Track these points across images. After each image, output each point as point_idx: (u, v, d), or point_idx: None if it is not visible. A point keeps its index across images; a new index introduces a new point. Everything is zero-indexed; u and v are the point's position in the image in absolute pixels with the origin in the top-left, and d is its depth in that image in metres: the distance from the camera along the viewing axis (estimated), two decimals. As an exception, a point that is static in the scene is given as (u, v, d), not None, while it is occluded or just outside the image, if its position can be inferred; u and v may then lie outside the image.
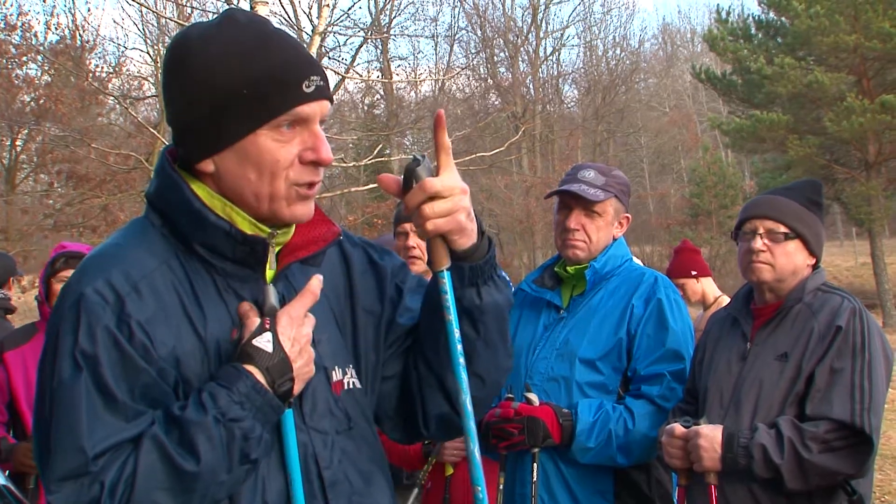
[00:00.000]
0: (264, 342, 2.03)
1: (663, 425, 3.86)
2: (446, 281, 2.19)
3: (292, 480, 2.09)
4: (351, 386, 2.31)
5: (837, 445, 3.48)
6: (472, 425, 2.21)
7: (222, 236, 2.10)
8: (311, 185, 2.13)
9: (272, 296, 2.10)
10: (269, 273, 2.22)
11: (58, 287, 5.16)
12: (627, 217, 4.34)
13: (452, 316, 2.18)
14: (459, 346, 2.18)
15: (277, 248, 2.25)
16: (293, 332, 2.06)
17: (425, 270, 5.59)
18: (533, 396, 4.01)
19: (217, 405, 1.96)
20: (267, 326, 2.05)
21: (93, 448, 1.91)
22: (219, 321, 2.10)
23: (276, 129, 2.07)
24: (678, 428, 3.75)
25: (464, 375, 2.19)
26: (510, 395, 4.11)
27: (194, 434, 1.93)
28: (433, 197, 2.10)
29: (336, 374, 2.28)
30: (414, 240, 5.52)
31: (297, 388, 2.07)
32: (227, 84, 2.05)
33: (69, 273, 5.15)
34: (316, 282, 2.16)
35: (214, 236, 2.10)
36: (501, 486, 4.20)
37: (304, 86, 2.08)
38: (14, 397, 5.05)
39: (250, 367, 2.01)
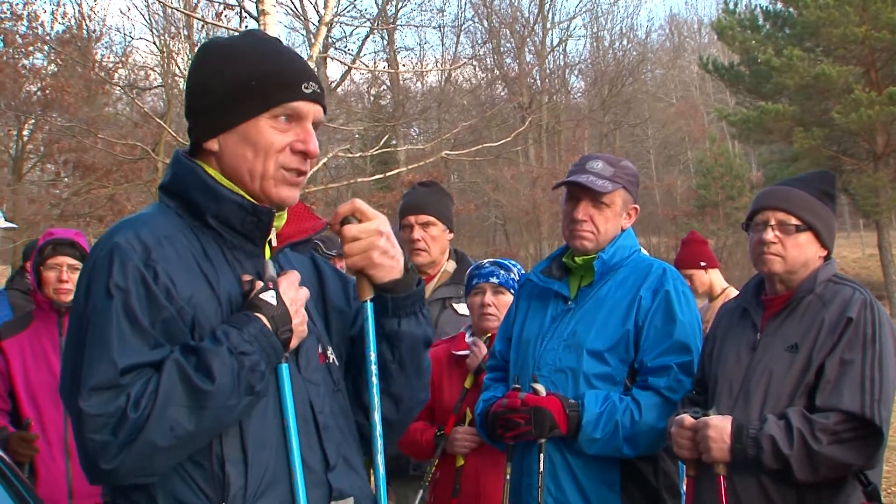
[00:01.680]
0: (269, 297, 2.41)
1: (672, 416, 3.85)
2: (367, 311, 2.62)
3: (287, 419, 2.43)
4: (331, 360, 2.69)
5: (847, 437, 3.48)
6: (379, 442, 2.59)
7: (235, 208, 2.48)
8: (298, 172, 2.53)
9: (271, 268, 2.51)
10: (267, 254, 2.61)
11: (48, 274, 5.14)
12: (636, 208, 4.32)
13: (371, 342, 2.60)
14: (374, 367, 2.60)
15: (273, 233, 2.64)
16: (292, 293, 2.47)
17: (430, 262, 5.59)
18: (540, 387, 4.01)
19: (230, 340, 2.30)
20: (270, 286, 2.44)
21: (123, 363, 2.23)
22: (229, 282, 2.47)
23: (275, 119, 2.48)
24: (687, 419, 3.74)
25: (376, 394, 2.59)
26: (517, 386, 4.11)
27: (211, 360, 2.26)
28: (354, 239, 2.55)
29: (321, 347, 2.66)
30: (419, 232, 5.53)
31: (293, 342, 2.46)
32: (240, 75, 2.47)
33: (58, 260, 5.14)
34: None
35: (227, 208, 2.48)
36: (508, 477, 4.20)
37: (303, 86, 2.50)
38: (13, 386, 5.05)
39: (258, 315, 2.37)
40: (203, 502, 2.33)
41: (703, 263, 8.21)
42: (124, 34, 55.16)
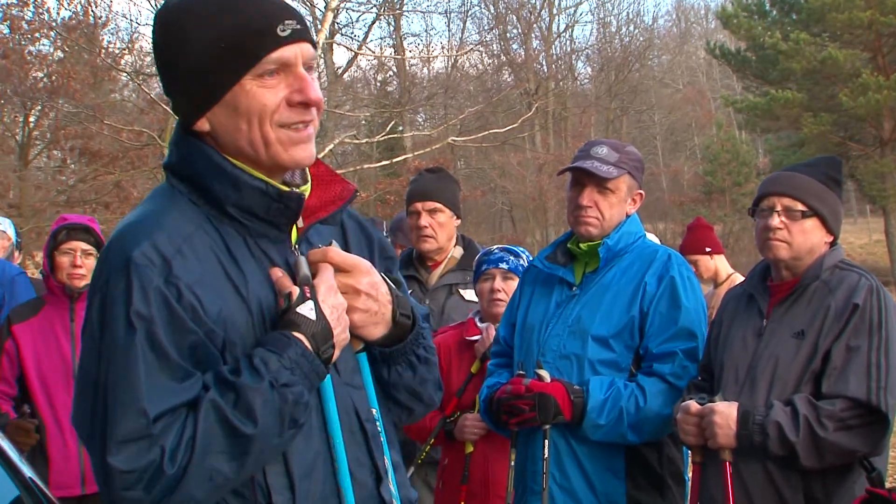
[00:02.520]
0: (307, 310, 2.11)
1: (678, 402, 3.86)
2: (361, 363, 2.35)
3: (333, 437, 2.19)
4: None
5: (853, 424, 3.47)
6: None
7: (258, 196, 2.18)
8: (303, 124, 2.19)
9: (304, 266, 2.19)
10: (293, 236, 2.32)
11: (62, 259, 5.17)
12: (641, 193, 4.31)
13: (370, 394, 2.35)
14: (378, 425, 2.34)
15: None
16: (332, 300, 2.17)
17: (437, 248, 5.59)
18: (544, 373, 4.01)
19: (269, 371, 2.02)
20: (308, 295, 2.13)
21: (153, 410, 1.96)
22: (259, 283, 2.18)
23: (260, 78, 2.13)
24: (693, 405, 3.74)
25: (385, 452, 2.34)
26: (521, 372, 4.10)
27: (252, 399, 2.00)
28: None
29: None
30: (426, 219, 5.52)
31: (335, 355, 2.17)
32: (206, 40, 2.13)
33: (72, 245, 5.17)
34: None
35: (250, 196, 2.18)
36: (513, 463, 4.21)
37: (278, 30, 2.14)
38: (24, 370, 5.07)
39: (298, 335, 2.08)
40: None
41: (708, 249, 8.22)
42: (130, 20, 54.98)
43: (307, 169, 2.38)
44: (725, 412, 3.63)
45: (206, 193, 2.20)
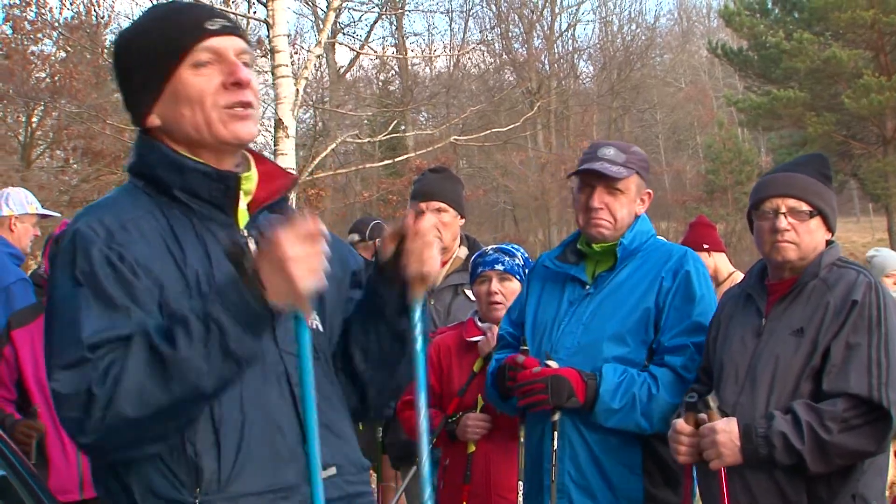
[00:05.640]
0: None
1: (672, 417, 3.84)
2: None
3: (303, 399, 2.36)
4: (315, 326, 2.59)
5: (856, 423, 3.47)
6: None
7: (199, 176, 2.46)
8: (241, 104, 2.45)
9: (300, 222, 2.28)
10: (242, 221, 2.55)
11: None
12: (649, 193, 4.32)
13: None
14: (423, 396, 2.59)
15: (247, 199, 2.59)
16: (276, 252, 2.20)
17: (442, 248, 5.58)
18: (553, 363, 4.00)
19: (204, 305, 2.22)
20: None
21: (89, 340, 2.21)
22: (198, 258, 2.42)
23: (194, 67, 2.43)
24: (681, 424, 3.70)
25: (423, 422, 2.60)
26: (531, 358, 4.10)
27: (175, 326, 2.20)
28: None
29: None
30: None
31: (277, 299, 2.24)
32: (146, 44, 2.47)
33: None
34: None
35: (192, 178, 2.46)
36: (522, 440, 4.20)
37: (207, 24, 2.45)
38: (22, 375, 5.08)
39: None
40: (177, 489, 2.31)
41: (706, 246, 8.13)
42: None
43: (251, 161, 2.63)
44: (727, 430, 3.58)
45: (157, 183, 2.48)
